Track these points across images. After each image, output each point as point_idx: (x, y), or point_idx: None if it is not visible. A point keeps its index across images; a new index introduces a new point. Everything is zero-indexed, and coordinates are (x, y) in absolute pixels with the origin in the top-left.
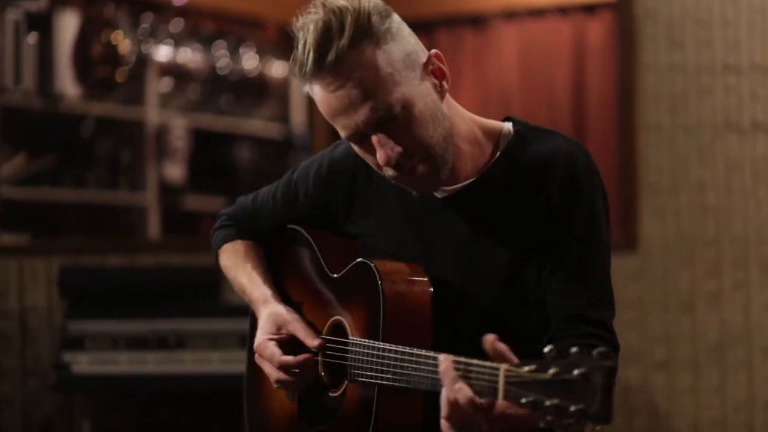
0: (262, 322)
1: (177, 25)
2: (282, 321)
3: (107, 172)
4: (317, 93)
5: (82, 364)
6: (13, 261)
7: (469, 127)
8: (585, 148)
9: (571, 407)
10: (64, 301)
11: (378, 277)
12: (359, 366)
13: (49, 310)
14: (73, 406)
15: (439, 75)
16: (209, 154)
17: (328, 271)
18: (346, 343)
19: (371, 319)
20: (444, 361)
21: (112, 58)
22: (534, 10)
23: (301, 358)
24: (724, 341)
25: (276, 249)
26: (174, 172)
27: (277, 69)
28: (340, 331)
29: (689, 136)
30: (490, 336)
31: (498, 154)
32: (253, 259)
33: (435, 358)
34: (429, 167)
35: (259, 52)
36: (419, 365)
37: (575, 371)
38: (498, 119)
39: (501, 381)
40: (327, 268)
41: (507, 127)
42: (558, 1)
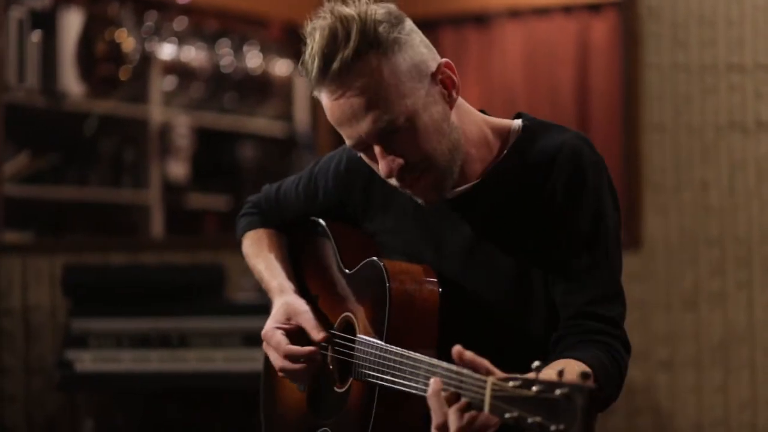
0: (274, 311)
1: (181, 23)
2: (292, 311)
3: (111, 171)
4: (323, 100)
5: (86, 362)
6: (17, 259)
7: (479, 128)
8: (590, 142)
9: (552, 427)
10: (67, 300)
11: (386, 277)
12: (363, 364)
13: (53, 308)
14: (76, 405)
15: (449, 85)
16: (213, 152)
17: (343, 267)
18: (353, 341)
19: (378, 318)
20: (434, 383)
21: (116, 56)
22: (538, 8)
23: (306, 350)
24: (727, 341)
25: (297, 239)
26: (177, 170)
27: (281, 67)
28: (350, 327)
29: (693, 135)
30: (456, 347)
31: (505, 152)
32: (274, 248)
33: (431, 365)
34: (432, 179)
35: (262, 51)
36: (416, 370)
37: (557, 391)
38: (503, 118)
39: (488, 394)
40: (342, 263)
41: (516, 124)
42: (562, 0)
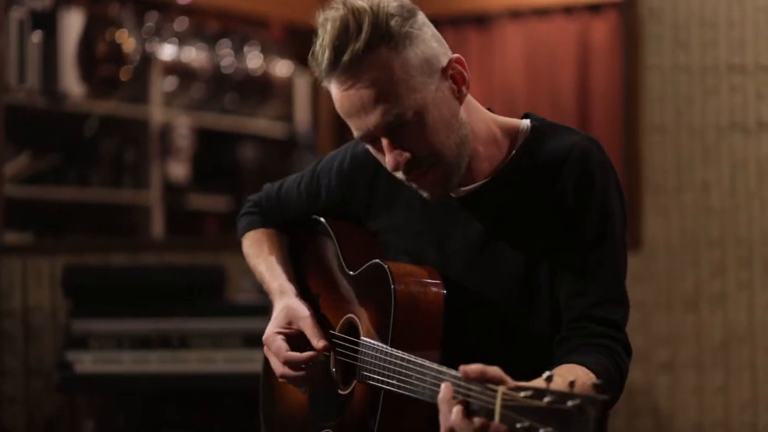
0: (275, 314)
1: (181, 23)
2: (293, 316)
3: (111, 171)
4: (333, 91)
5: (86, 363)
6: (17, 260)
7: (488, 127)
8: (600, 145)
9: None
10: (67, 300)
11: (391, 279)
12: (368, 368)
13: (53, 309)
14: (76, 406)
15: (459, 80)
16: (213, 153)
17: (346, 268)
18: (357, 343)
19: (382, 321)
20: (445, 388)
21: (117, 56)
22: (539, 9)
23: (305, 356)
24: (728, 341)
25: (299, 239)
26: (178, 171)
27: (282, 68)
28: (353, 329)
29: (694, 136)
30: (461, 368)
31: (513, 152)
32: (275, 248)
33: (438, 371)
34: (439, 174)
35: (263, 52)
36: (423, 376)
37: (570, 402)
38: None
39: (498, 403)
40: (345, 264)
41: (525, 124)
42: (563, 1)
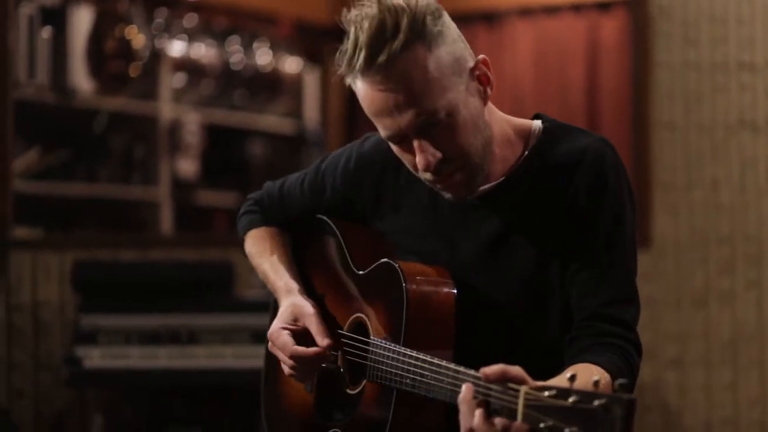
0: (281, 311)
1: (191, 20)
2: (300, 313)
3: (120, 167)
4: (361, 89)
5: (95, 358)
6: (27, 255)
7: (502, 128)
8: (613, 147)
9: None
10: (76, 296)
11: (403, 279)
12: (380, 367)
13: (62, 304)
14: (85, 400)
15: (485, 81)
16: (222, 149)
17: (354, 267)
18: (366, 343)
19: (394, 321)
20: (466, 389)
21: (126, 53)
22: (548, 7)
23: (312, 351)
24: (736, 339)
25: (302, 237)
26: (187, 167)
27: (291, 65)
28: (361, 328)
29: (703, 133)
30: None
31: (526, 153)
32: (278, 247)
33: (456, 371)
34: (465, 175)
35: (272, 48)
36: (439, 375)
37: (596, 401)
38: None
39: (521, 403)
40: (352, 263)
41: (536, 125)
42: None
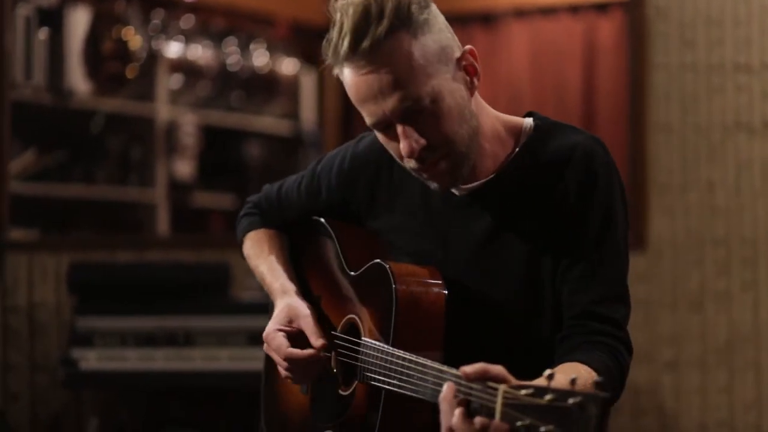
0: (276, 313)
1: (188, 21)
2: (294, 314)
3: (117, 168)
4: (347, 76)
5: (91, 360)
6: (23, 256)
7: (493, 124)
8: (604, 144)
9: None
10: (72, 297)
11: (392, 279)
12: (369, 368)
13: (58, 305)
14: (81, 403)
15: (471, 72)
16: (219, 150)
17: (347, 268)
18: (358, 344)
19: (383, 321)
20: (446, 388)
21: (123, 54)
22: (545, 8)
23: (306, 353)
24: (732, 341)
25: (299, 239)
26: (184, 168)
27: (288, 66)
28: (354, 329)
29: (700, 135)
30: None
31: (517, 150)
32: (276, 249)
33: (439, 370)
34: (450, 163)
35: (269, 49)
36: (424, 375)
37: (571, 400)
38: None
39: (499, 402)
40: (346, 264)
41: (528, 122)
42: (569, 0)
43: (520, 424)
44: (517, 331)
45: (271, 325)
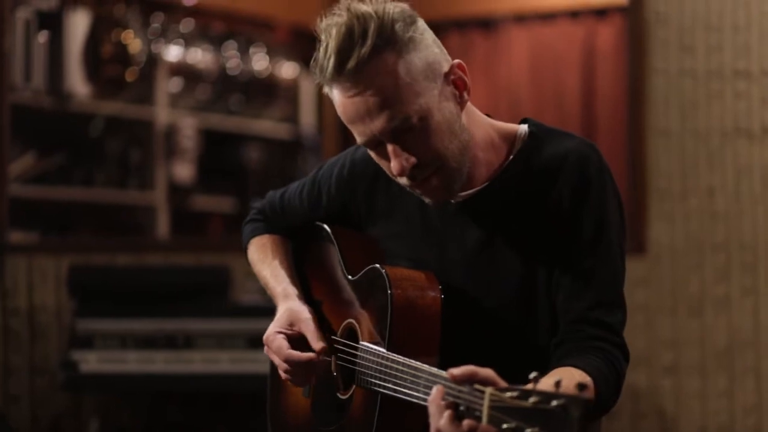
0: (278, 316)
1: (187, 25)
2: (295, 318)
3: (116, 172)
4: (336, 97)
5: (91, 362)
6: (23, 259)
7: (486, 132)
8: (598, 150)
9: None
10: (72, 300)
11: (388, 284)
12: (366, 372)
13: (58, 308)
14: (81, 405)
15: (461, 86)
16: (218, 154)
17: (347, 273)
18: (356, 348)
19: (380, 325)
20: (435, 391)
21: (122, 57)
22: (544, 13)
23: (306, 356)
24: (732, 346)
25: (302, 245)
26: (183, 171)
27: (287, 70)
28: (353, 334)
29: (699, 140)
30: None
31: (511, 157)
32: (279, 254)
33: (431, 373)
34: (442, 179)
35: (269, 53)
36: (417, 378)
37: (554, 402)
38: (509, 122)
39: (486, 405)
40: (346, 269)
41: (522, 129)
42: (568, 5)
43: (506, 426)
44: (513, 337)
45: (272, 328)
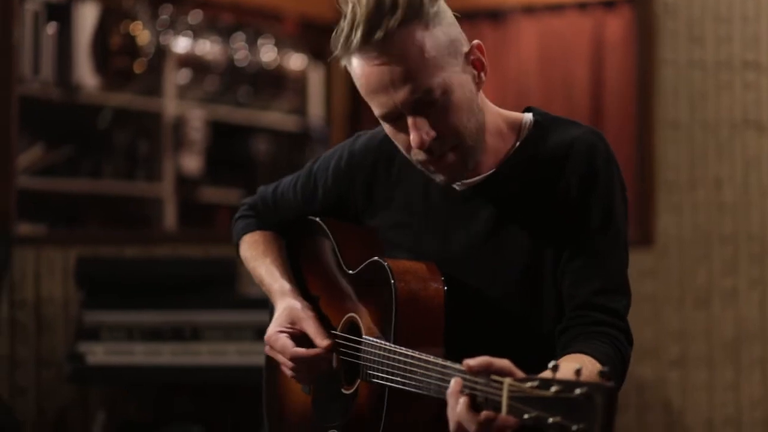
0: (277, 314)
1: (196, 16)
2: (296, 316)
3: (124, 163)
4: (357, 67)
5: (98, 354)
6: (30, 251)
7: (494, 119)
8: (605, 138)
9: (573, 426)
10: (80, 292)
11: (391, 276)
12: (371, 366)
13: (66, 300)
14: (88, 397)
15: (479, 66)
16: (226, 146)
17: (345, 267)
18: (359, 342)
19: (384, 319)
20: (454, 383)
21: (131, 49)
22: (553, 4)
23: (312, 352)
24: (739, 338)
25: (296, 240)
26: (191, 163)
27: (296, 61)
28: (354, 328)
29: (707, 132)
30: (465, 362)
31: (517, 145)
32: (273, 251)
33: (443, 365)
34: (458, 156)
35: (277, 45)
36: (428, 371)
37: (577, 390)
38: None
39: (504, 396)
40: (344, 263)
41: (528, 118)
42: None
43: (527, 416)
44: (518, 325)
45: (273, 327)
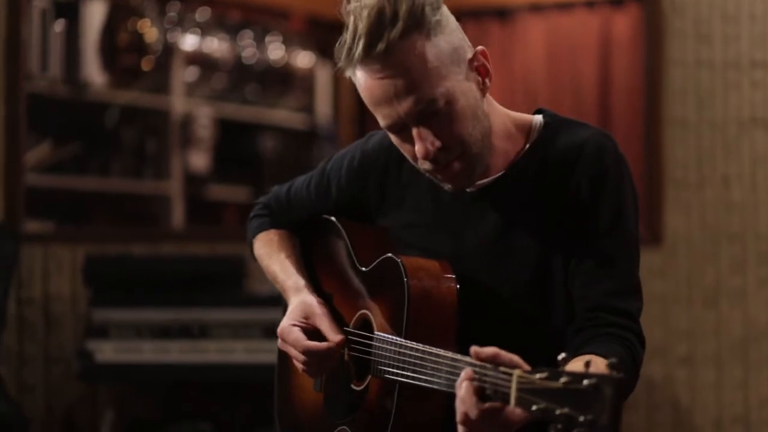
0: (291, 309)
1: (203, 14)
2: (310, 312)
3: (132, 161)
4: (361, 79)
5: (106, 352)
6: (38, 248)
7: (503, 122)
8: (614, 139)
9: (581, 417)
10: (88, 289)
11: (404, 273)
12: (382, 362)
13: (74, 298)
14: (96, 395)
15: (483, 72)
16: (234, 143)
17: (358, 264)
18: (371, 338)
19: (396, 315)
20: (464, 373)
21: (139, 46)
22: (561, 3)
23: (325, 346)
24: (748, 337)
25: (310, 239)
26: (199, 161)
27: (303, 59)
28: (367, 325)
29: (715, 131)
30: (472, 348)
31: (527, 146)
32: (287, 248)
33: (454, 359)
34: (464, 165)
35: (285, 42)
36: (438, 365)
37: (585, 381)
38: (525, 112)
39: (513, 387)
40: (357, 260)
41: (537, 120)
42: None
43: (535, 408)
44: (529, 325)
45: (286, 321)
